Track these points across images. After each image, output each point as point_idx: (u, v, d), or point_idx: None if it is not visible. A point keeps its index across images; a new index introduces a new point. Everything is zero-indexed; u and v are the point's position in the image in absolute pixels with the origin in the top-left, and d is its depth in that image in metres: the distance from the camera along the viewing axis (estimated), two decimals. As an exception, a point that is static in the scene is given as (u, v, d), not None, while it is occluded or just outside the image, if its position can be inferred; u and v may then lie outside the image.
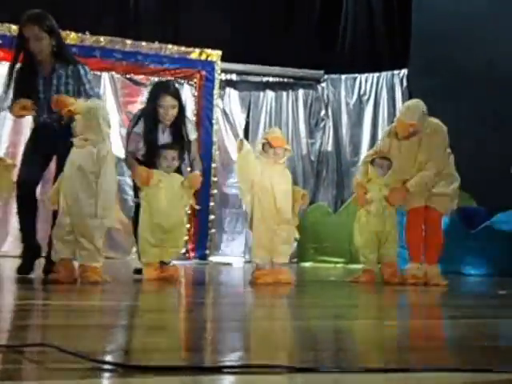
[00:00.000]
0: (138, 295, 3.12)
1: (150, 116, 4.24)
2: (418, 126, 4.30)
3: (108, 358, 1.29)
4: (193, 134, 4.39)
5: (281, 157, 4.02)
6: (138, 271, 4.08)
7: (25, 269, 3.76)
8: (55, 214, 3.66)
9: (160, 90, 4.26)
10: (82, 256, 3.47)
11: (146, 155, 4.17)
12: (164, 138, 4.24)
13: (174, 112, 4.19)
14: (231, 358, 1.39)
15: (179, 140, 4.22)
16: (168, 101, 4.17)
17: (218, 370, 1.21)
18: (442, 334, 2.00)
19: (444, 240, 4.45)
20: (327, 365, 1.33)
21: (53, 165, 3.95)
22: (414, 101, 4.53)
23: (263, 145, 4.03)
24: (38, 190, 3.92)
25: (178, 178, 4.04)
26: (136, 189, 4.15)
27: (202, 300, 2.98)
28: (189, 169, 4.47)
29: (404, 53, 8.03)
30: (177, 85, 5.37)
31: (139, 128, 4.24)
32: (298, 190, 4.08)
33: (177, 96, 4.28)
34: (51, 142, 3.81)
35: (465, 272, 5.67)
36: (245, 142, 4.01)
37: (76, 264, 3.52)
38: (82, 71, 3.90)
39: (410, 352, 1.57)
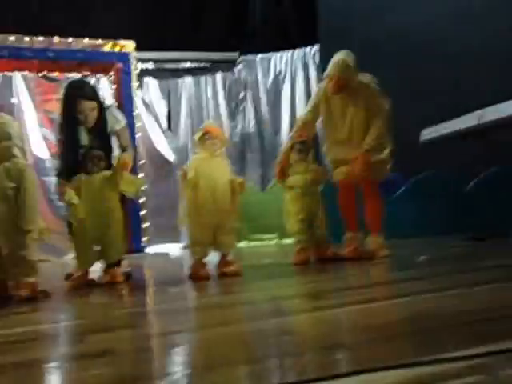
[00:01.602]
0: (78, 310, 3.07)
1: (69, 121, 4.13)
2: (348, 78, 4.26)
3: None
4: (120, 123, 4.29)
5: (218, 148, 4.05)
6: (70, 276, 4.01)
7: None
8: None
9: (74, 96, 4.09)
10: (14, 273, 3.42)
11: (72, 160, 4.07)
12: (88, 139, 4.15)
13: (94, 114, 4.09)
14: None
15: (103, 139, 4.15)
16: (85, 105, 4.05)
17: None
18: (380, 321, 2.01)
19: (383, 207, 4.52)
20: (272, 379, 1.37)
21: None
22: (342, 53, 4.34)
23: (200, 137, 4.04)
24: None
25: (102, 176, 3.98)
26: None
27: (144, 309, 2.98)
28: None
29: (313, 29, 8.15)
30: (91, 81, 5.12)
31: (61, 134, 4.18)
32: (234, 179, 4.08)
33: (93, 97, 4.14)
34: None
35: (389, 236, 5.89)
36: (186, 169, 3.96)
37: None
38: None
39: (337, 351, 1.60)
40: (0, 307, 3.24)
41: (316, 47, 8.45)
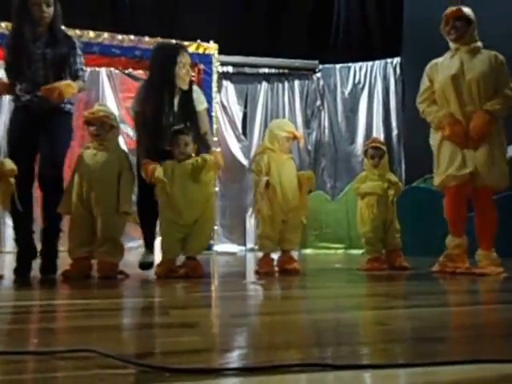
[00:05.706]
0: (158, 290, 3.17)
1: (162, 83, 3.73)
2: (465, 13, 3.93)
3: (149, 360, 1.28)
4: (202, 104, 3.95)
5: (288, 147, 4.13)
6: (146, 265, 4.01)
7: (22, 270, 3.65)
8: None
9: (177, 49, 3.80)
10: (101, 252, 3.62)
11: (154, 140, 3.78)
12: (173, 114, 3.77)
13: (191, 72, 3.81)
14: (262, 358, 1.39)
15: (190, 118, 3.81)
16: (188, 58, 3.80)
17: (258, 370, 1.21)
18: (466, 322, 2.00)
19: (497, 222, 3.89)
20: (345, 361, 1.31)
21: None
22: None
23: (284, 137, 4.04)
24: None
25: (192, 164, 3.70)
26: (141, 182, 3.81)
27: (217, 294, 3.06)
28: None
29: (397, 41, 8.11)
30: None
31: (142, 108, 3.81)
32: (303, 174, 4.12)
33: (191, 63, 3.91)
34: (36, 127, 3.64)
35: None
36: (264, 178, 3.94)
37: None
38: (77, 44, 3.74)
39: (436, 343, 1.55)
40: (83, 282, 3.43)
41: (397, 59, 8.41)
